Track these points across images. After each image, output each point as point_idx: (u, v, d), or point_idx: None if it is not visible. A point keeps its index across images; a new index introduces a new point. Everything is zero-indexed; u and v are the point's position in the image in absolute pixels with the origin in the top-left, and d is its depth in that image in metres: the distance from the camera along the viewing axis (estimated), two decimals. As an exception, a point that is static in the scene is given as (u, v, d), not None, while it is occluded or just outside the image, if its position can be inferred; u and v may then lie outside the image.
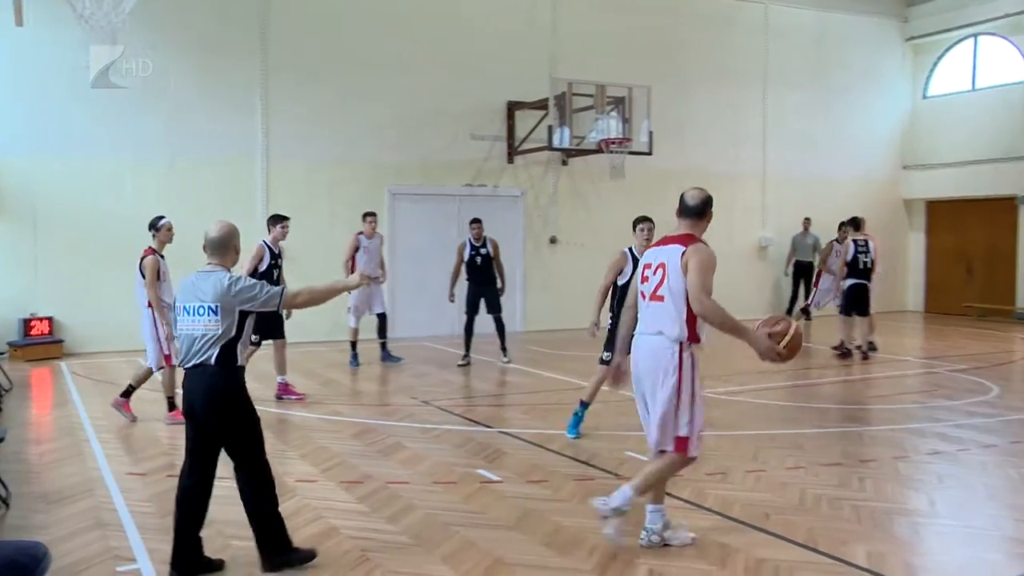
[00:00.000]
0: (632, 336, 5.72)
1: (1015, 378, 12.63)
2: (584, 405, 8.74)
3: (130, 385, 9.42)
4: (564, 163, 17.96)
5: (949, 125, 21.26)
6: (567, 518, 6.18)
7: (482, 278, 13.12)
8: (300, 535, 5.76)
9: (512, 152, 17.39)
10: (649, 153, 16.31)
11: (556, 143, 15.88)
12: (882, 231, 20.14)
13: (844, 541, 5.69)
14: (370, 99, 16.23)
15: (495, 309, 13.21)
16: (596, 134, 15.84)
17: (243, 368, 5.22)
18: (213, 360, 5.07)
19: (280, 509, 5.35)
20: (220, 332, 5.04)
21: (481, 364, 13.29)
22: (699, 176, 19.14)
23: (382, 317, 13.25)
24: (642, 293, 5.62)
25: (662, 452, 5.60)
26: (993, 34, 20.71)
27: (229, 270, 5.24)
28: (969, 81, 21.32)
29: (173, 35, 14.73)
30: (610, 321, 8.73)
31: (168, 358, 9.11)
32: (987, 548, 5.73)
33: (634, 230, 8.78)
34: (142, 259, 9.12)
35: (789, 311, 19.25)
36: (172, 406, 9.21)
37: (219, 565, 5.25)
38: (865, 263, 13.69)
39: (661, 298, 5.44)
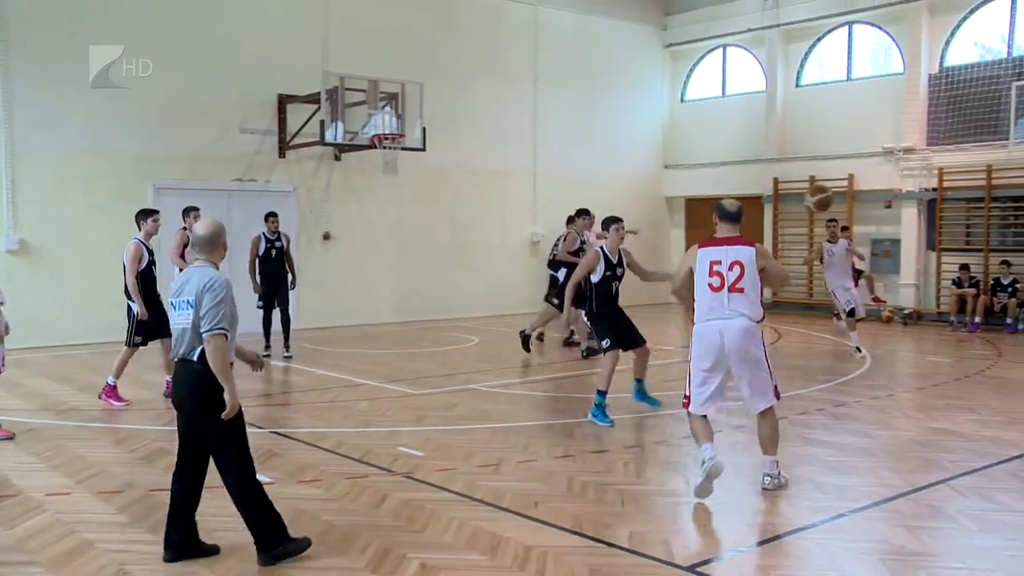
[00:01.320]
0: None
1: (762, 364, 13.63)
2: (602, 394, 9.12)
3: None
4: (337, 158, 17.73)
5: (704, 128, 22.75)
6: (339, 517, 6.12)
7: (277, 271, 13.43)
8: (50, 552, 5.42)
9: (284, 146, 16.97)
10: (422, 149, 16.38)
11: (329, 138, 15.69)
12: (646, 227, 21.25)
13: (608, 524, 5.95)
14: (131, 86, 15.25)
15: (284, 303, 13.57)
16: (369, 129, 15.77)
17: (231, 364, 5.27)
18: (196, 356, 5.20)
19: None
20: (191, 328, 5.20)
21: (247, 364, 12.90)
22: (471, 172, 19.61)
23: None
24: (711, 285, 6.61)
25: (762, 413, 6.74)
26: (739, 46, 22.36)
27: (217, 266, 5.42)
28: (720, 88, 22.90)
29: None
30: (585, 311, 9.92)
31: None
32: (735, 521, 6.17)
33: (607, 229, 9.44)
34: None
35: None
36: None
37: (213, 550, 5.46)
38: (555, 254, 14.49)
39: (741, 289, 6.55)
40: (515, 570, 5.20)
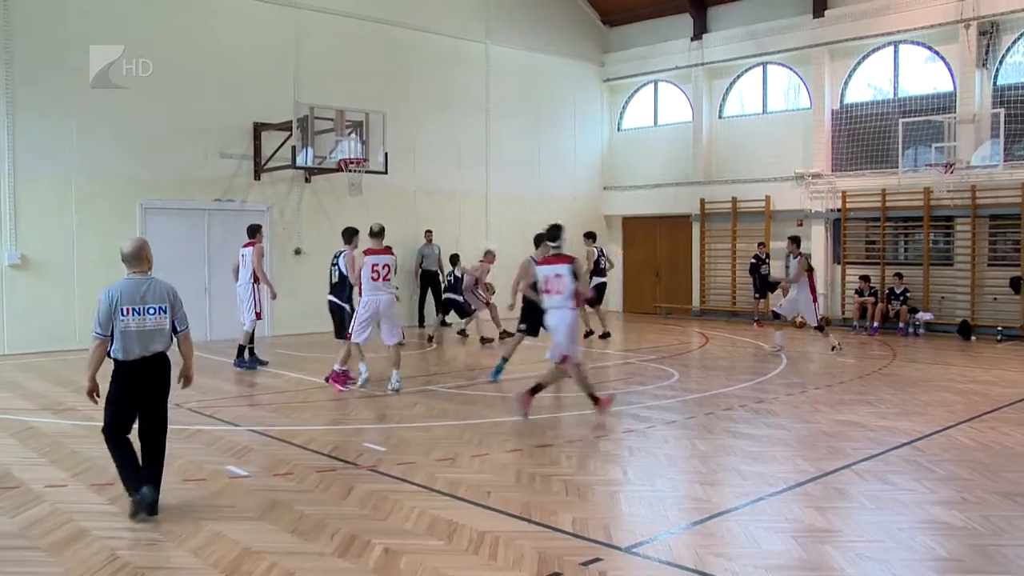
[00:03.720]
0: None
1: (691, 365, 13.83)
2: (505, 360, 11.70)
3: None
4: (307, 180, 17.64)
5: (638, 154, 22.98)
6: (310, 507, 6.11)
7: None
8: (49, 539, 5.37)
9: (259, 170, 16.85)
10: (385, 172, 16.37)
11: (299, 162, 15.63)
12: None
13: (554, 511, 6.01)
14: (122, 115, 15.09)
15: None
16: (336, 154, 15.73)
17: None
18: (167, 350, 5.99)
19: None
20: (168, 327, 5.95)
21: (228, 368, 12.79)
22: (429, 193, 19.64)
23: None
24: (372, 277, 10.50)
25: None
26: (669, 81, 22.65)
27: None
28: (652, 118, 23.16)
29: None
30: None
31: None
32: (667, 506, 6.25)
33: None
34: None
35: (421, 320, 18.75)
36: None
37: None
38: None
39: (388, 279, 10.57)
40: (470, 553, 5.24)
